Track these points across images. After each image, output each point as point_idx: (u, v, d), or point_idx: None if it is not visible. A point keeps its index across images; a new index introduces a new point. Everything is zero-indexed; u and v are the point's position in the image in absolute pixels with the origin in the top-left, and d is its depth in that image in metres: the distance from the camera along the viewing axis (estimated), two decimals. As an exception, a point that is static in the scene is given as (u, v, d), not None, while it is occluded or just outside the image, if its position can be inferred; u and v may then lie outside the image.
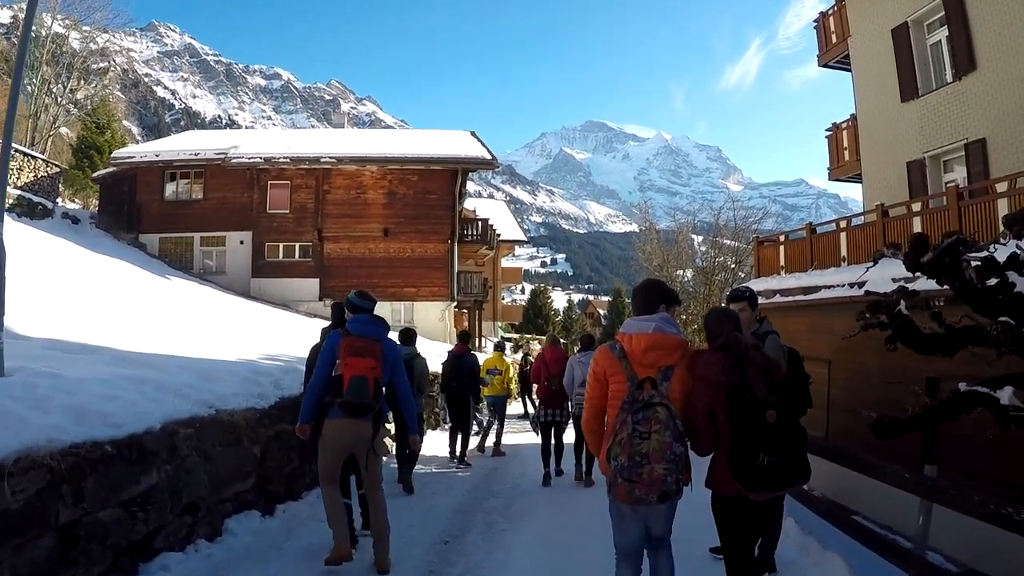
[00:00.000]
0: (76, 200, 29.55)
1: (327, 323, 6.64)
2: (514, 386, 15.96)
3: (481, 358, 12.38)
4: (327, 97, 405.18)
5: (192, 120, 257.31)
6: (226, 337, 10.61)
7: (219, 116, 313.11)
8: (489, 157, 27.10)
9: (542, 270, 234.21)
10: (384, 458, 5.44)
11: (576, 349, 9.36)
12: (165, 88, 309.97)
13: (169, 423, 4.66)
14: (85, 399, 4.19)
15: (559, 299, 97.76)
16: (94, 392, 4.37)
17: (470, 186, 37.94)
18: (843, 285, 10.57)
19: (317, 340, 5.82)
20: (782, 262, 13.86)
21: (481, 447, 11.62)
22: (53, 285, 10.93)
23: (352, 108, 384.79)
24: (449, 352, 10.99)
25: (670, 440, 3.15)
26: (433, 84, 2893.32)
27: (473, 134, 30.84)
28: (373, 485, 4.89)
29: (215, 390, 5.78)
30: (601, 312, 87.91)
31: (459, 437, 10.19)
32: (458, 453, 10.06)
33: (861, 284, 9.99)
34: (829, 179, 18.09)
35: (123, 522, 4.08)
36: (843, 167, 17.12)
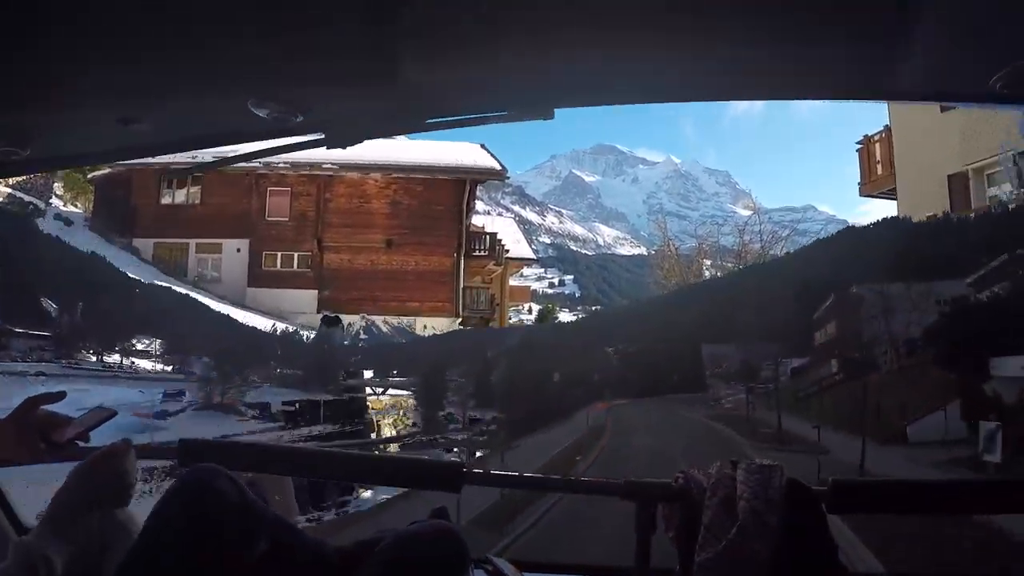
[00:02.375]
0: (78, 204, 28.80)
1: None
2: None
3: None
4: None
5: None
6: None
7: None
8: (499, 167, 26.28)
9: (550, 291, 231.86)
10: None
11: None
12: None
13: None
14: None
15: (566, 320, 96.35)
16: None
17: (479, 206, 37.09)
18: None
19: None
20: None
21: None
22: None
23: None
24: None
25: None
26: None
27: (483, 146, 29.92)
28: None
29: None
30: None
31: None
32: None
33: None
34: (860, 195, 16.97)
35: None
36: (875, 182, 16.03)
